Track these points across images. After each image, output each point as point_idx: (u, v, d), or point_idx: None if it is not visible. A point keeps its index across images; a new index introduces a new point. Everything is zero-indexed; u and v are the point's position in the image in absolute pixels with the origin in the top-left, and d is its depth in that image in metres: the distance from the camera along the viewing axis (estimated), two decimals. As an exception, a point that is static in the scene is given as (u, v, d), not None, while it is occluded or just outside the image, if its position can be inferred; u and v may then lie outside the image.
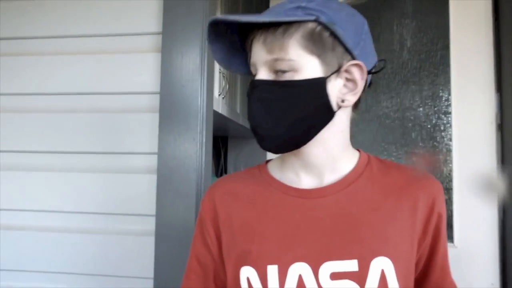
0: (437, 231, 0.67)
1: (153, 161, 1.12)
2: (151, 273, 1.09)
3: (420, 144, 1.18)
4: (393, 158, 1.21)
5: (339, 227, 0.63)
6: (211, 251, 0.71)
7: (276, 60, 0.61)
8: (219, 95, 1.51)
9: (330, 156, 0.66)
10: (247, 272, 0.63)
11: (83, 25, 1.19)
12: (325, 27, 0.60)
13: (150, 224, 1.11)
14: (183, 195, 1.08)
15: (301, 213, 0.65)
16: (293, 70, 0.61)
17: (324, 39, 0.61)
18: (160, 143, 1.11)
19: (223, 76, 1.55)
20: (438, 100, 1.17)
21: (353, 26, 0.63)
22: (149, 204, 1.11)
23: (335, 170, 0.67)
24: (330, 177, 0.67)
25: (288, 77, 0.61)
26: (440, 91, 1.17)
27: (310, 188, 0.66)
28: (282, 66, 0.61)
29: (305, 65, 0.61)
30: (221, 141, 2.39)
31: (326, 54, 0.61)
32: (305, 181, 0.67)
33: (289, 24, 0.60)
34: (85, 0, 1.20)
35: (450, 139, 1.15)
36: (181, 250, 1.06)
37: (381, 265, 0.61)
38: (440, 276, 0.69)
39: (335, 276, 0.61)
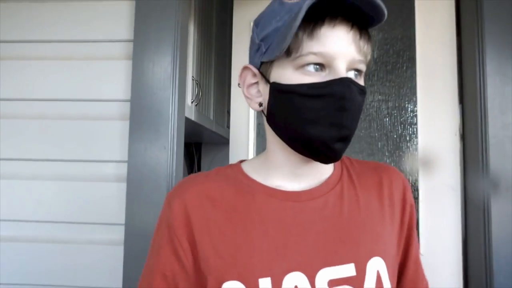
0: (411, 222, 0.67)
1: (123, 169, 1.11)
2: (119, 284, 1.07)
3: (387, 154, 1.21)
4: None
5: (332, 230, 0.59)
6: (184, 265, 0.60)
7: (360, 62, 0.57)
8: (192, 102, 1.51)
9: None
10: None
11: (52, 31, 1.17)
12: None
13: (119, 233, 1.09)
14: (153, 204, 1.07)
15: (291, 218, 0.59)
16: (361, 76, 0.60)
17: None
18: (130, 151, 1.10)
19: (196, 83, 1.55)
20: (404, 111, 1.21)
21: None
22: (118, 213, 1.10)
23: (321, 172, 0.65)
24: (315, 180, 0.64)
25: (361, 81, 0.59)
26: (406, 102, 1.21)
27: (299, 190, 0.62)
28: (363, 69, 0.58)
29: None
30: (195, 148, 2.38)
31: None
32: (291, 184, 0.63)
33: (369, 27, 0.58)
34: (55, 5, 1.17)
35: (416, 149, 1.18)
36: (151, 260, 1.05)
37: (376, 266, 0.58)
38: (414, 270, 0.68)
39: (333, 283, 0.56)
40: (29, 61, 1.17)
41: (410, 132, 1.20)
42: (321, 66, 0.56)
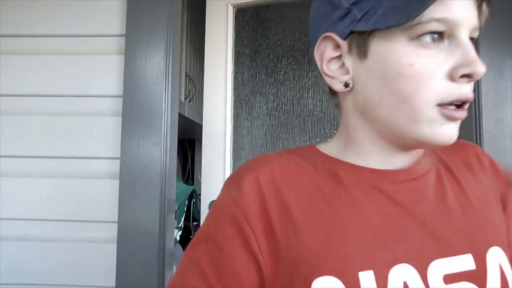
0: (507, 191, 0.56)
1: (115, 166, 1.10)
2: (113, 282, 1.06)
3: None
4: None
5: (440, 214, 0.49)
6: (258, 261, 0.47)
7: (477, 29, 0.48)
8: (185, 98, 1.49)
9: None
10: (326, 284, 0.44)
11: (43, 25, 1.15)
12: None
13: (112, 231, 1.08)
14: (147, 201, 1.06)
15: (387, 199, 0.49)
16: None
17: None
18: (123, 147, 1.08)
19: (190, 80, 1.54)
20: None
21: None
22: (111, 211, 1.08)
23: (413, 154, 0.55)
24: (408, 161, 0.54)
25: None
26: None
27: (395, 169, 0.52)
28: (475, 36, 0.49)
29: None
30: (189, 144, 2.37)
31: None
32: (382, 165, 0.52)
33: None
34: (46, 0, 1.15)
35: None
36: (144, 258, 1.04)
37: (497, 257, 0.49)
38: None
39: (449, 279, 0.46)
40: (19, 56, 1.15)
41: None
42: (439, 36, 0.46)
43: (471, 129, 0.99)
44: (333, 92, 0.56)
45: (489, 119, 0.97)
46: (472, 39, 0.48)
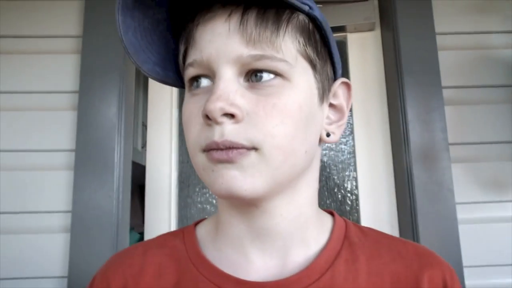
0: None
1: (67, 219, 1.10)
2: None
3: (326, 194, 1.27)
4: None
5: None
6: None
7: (261, 57, 0.38)
8: (143, 147, 1.52)
9: (303, 218, 0.44)
10: None
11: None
12: (317, 25, 0.42)
13: (63, 286, 1.06)
14: (97, 254, 1.06)
15: None
16: (284, 77, 0.39)
17: (318, 43, 0.43)
18: (75, 200, 1.09)
19: (145, 128, 1.58)
20: (341, 152, 1.29)
21: (332, 34, 0.45)
22: (62, 265, 1.08)
23: (305, 243, 0.44)
24: (297, 257, 0.43)
25: (274, 87, 0.39)
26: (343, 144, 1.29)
27: (265, 281, 0.41)
28: (269, 67, 0.39)
29: (300, 75, 0.40)
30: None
31: (318, 65, 0.42)
32: (258, 263, 0.43)
33: (279, 8, 0.39)
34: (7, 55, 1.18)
35: (356, 189, 1.25)
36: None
37: None
38: None
39: None
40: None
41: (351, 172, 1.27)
42: (207, 78, 0.41)
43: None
44: None
45: (417, 167, 1.06)
46: (268, 71, 0.39)
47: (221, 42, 0.39)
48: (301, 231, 0.44)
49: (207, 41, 0.39)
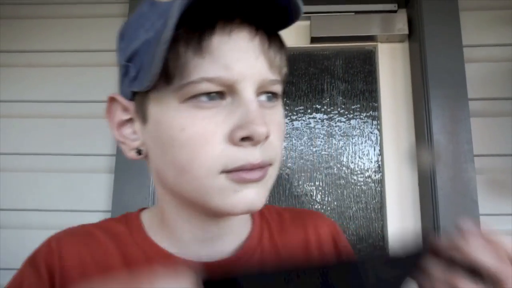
0: None
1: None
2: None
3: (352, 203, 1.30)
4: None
5: None
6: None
7: (275, 82, 0.41)
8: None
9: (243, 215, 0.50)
10: None
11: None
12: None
13: None
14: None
15: None
16: (278, 96, 0.44)
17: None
18: (114, 201, 1.18)
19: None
20: (366, 159, 1.31)
21: None
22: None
23: (237, 232, 0.50)
24: (230, 244, 0.49)
25: (275, 107, 0.43)
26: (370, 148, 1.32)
27: (214, 261, 0.46)
28: (278, 90, 0.43)
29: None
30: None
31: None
32: (194, 247, 0.47)
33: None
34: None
35: (382, 196, 1.27)
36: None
37: None
38: None
39: None
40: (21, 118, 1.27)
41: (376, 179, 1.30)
42: (219, 93, 0.39)
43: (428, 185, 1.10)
44: None
45: (442, 176, 1.08)
46: (273, 93, 0.42)
47: (250, 63, 0.39)
48: (238, 225, 0.50)
49: (235, 59, 0.38)
